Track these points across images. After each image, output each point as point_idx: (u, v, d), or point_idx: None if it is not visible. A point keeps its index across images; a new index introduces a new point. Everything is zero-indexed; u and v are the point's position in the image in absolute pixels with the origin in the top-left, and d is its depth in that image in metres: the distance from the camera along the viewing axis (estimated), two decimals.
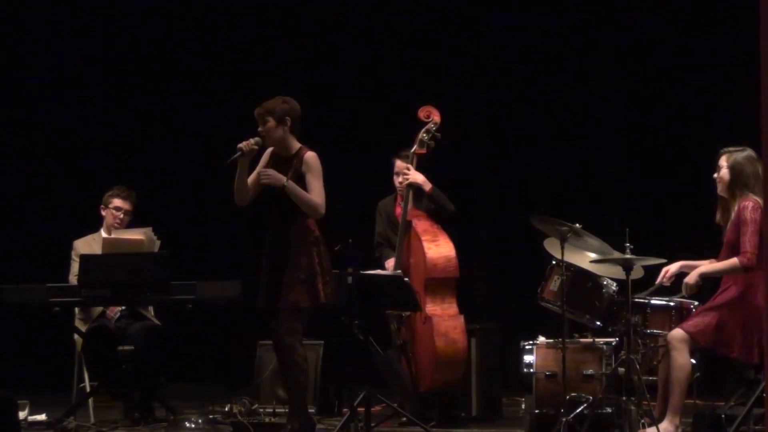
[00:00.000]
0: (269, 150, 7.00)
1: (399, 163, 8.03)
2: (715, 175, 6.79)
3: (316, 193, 6.83)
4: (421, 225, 7.85)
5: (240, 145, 6.82)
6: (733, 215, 6.70)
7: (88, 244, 7.93)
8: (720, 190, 6.80)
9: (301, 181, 6.85)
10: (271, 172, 6.87)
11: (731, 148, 6.77)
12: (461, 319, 7.75)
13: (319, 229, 6.91)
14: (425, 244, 7.74)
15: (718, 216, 6.84)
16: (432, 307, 7.71)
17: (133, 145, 10.89)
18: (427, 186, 7.91)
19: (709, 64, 9.84)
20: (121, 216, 8.00)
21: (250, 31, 10.84)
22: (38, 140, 11.01)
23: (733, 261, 6.60)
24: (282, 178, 6.83)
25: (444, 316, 7.71)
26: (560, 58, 10.27)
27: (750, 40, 4.50)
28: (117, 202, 8.02)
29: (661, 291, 7.00)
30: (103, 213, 8.07)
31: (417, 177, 7.91)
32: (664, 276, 6.90)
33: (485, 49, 10.46)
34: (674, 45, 9.96)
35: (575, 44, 10.25)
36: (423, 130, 7.96)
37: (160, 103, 10.90)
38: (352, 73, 10.68)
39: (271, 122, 6.87)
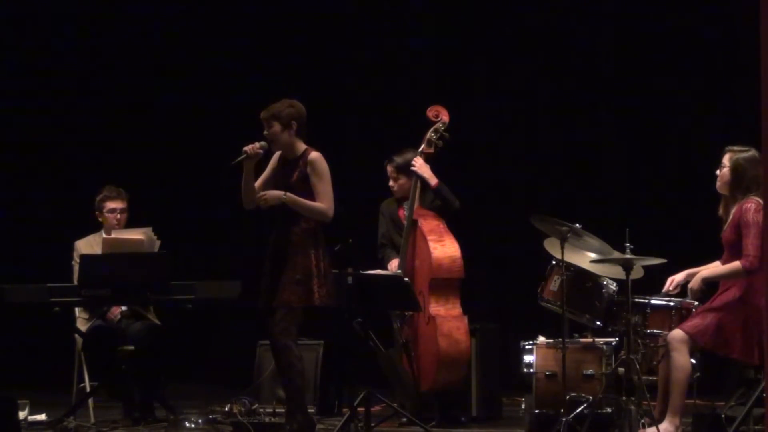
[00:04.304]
0: (277, 153, 7.00)
1: (389, 168, 8.07)
2: (717, 172, 6.78)
3: (321, 195, 6.82)
4: (427, 224, 7.84)
5: (245, 148, 6.82)
6: (732, 215, 6.69)
7: (89, 245, 7.91)
8: (719, 187, 6.79)
9: (306, 182, 6.84)
10: (268, 195, 6.86)
11: (736, 147, 6.75)
12: (465, 319, 7.75)
13: (323, 231, 6.90)
14: (431, 244, 7.74)
15: (720, 210, 6.83)
16: (436, 307, 7.70)
17: (133, 144, 10.89)
18: (433, 180, 7.91)
19: (710, 64, 9.84)
20: (118, 216, 7.99)
21: (254, 32, 10.84)
22: (38, 140, 11.01)
23: (736, 265, 6.58)
24: (279, 195, 6.82)
25: (448, 317, 7.71)
26: (561, 57, 10.28)
27: (750, 39, 4.50)
28: (110, 204, 7.99)
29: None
30: (100, 219, 8.05)
31: (424, 171, 7.91)
32: (670, 285, 6.89)
33: (486, 49, 10.46)
34: (674, 44, 9.96)
35: (575, 44, 10.25)
36: (431, 129, 7.97)
37: (161, 103, 10.90)
38: (354, 73, 10.69)
39: (277, 126, 6.86)
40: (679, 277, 6.89)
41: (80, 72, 11.04)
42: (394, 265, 7.89)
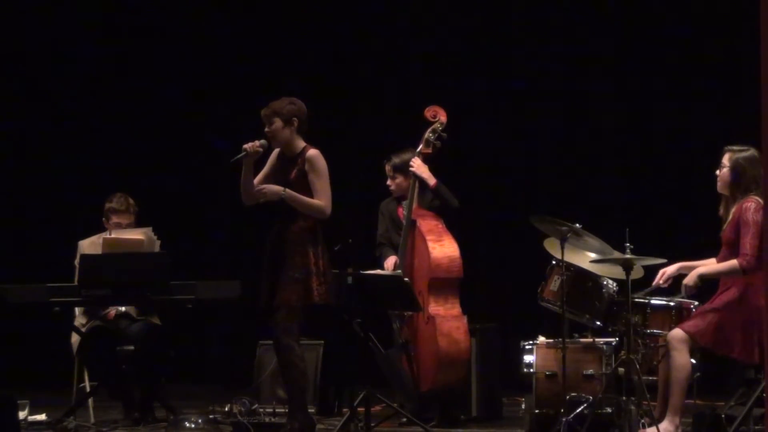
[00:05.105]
0: (276, 150, 7.02)
1: (387, 167, 8.07)
2: (717, 172, 6.78)
3: (319, 193, 6.84)
4: (426, 224, 7.84)
5: (245, 146, 6.84)
6: (732, 214, 6.70)
7: (93, 245, 7.88)
8: (720, 187, 6.79)
9: (304, 179, 6.86)
10: (267, 189, 6.88)
11: (735, 147, 6.76)
12: (464, 319, 7.74)
13: (321, 229, 6.91)
14: (429, 244, 7.73)
15: (721, 210, 6.83)
16: (435, 307, 7.70)
17: (133, 144, 10.89)
18: (432, 181, 7.90)
19: (710, 64, 9.84)
20: (124, 229, 7.96)
21: (253, 31, 10.85)
22: (39, 139, 11.02)
23: (733, 263, 6.59)
24: (279, 190, 6.84)
25: (447, 317, 7.70)
26: (560, 58, 10.28)
27: (751, 39, 4.50)
28: (115, 218, 7.94)
29: (659, 292, 7.00)
30: (106, 226, 8.03)
31: (422, 171, 7.91)
32: (661, 278, 6.90)
33: (486, 49, 10.47)
34: (674, 44, 9.96)
35: (575, 45, 10.25)
36: (429, 129, 7.97)
37: (161, 103, 10.91)
38: (355, 72, 10.69)
39: (278, 123, 6.89)
40: (671, 269, 6.88)
41: (81, 72, 11.04)
42: (390, 262, 7.89)
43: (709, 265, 6.80)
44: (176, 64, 10.94)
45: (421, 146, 7.98)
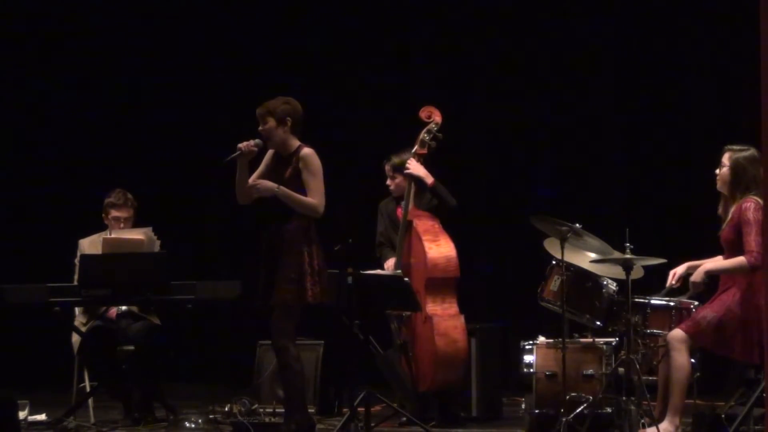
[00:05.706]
0: (271, 150, 7.01)
1: (387, 167, 8.07)
2: (717, 171, 6.79)
3: (313, 191, 6.84)
4: (422, 225, 7.84)
5: (240, 145, 6.84)
6: (731, 215, 6.70)
7: (94, 244, 7.88)
8: (719, 186, 6.79)
9: (299, 179, 6.86)
10: (261, 184, 6.88)
11: (735, 146, 6.76)
12: (461, 318, 7.75)
13: (316, 228, 6.91)
14: (426, 244, 7.74)
15: (720, 209, 6.84)
16: (432, 307, 7.70)
17: (133, 144, 10.89)
18: (429, 179, 7.90)
19: (710, 64, 9.84)
20: (122, 225, 7.96)
21: (251, 30, 10.85)
22: (39, 139, 11.02)
23: (740, 259, 6.58)
24: (273, 187, 6.84)
25: (444, 316, 7.71)
26: (560, 57, 10.28)
27: (750, 39, 4.50)
28: (114, 212, 7.96)
29: (673, 293, 7.00)
30: (106, 221, 8.04)
31: (419, 170, 7.90)
32: (672, 278, 6.90)
33: (485, 48, 10.47)
34: (675, 44, 9.96)
35: (575, 44, 10.25)
36: (424, 130, 7.96)
37: (161, 102, 10.91)
38: (353, 72, 10.69)
39: (272, 122, 6.89)
40: (680, 269, 6.89)
41: (82, 71, 11.04)
42: (390, 264, 7.89)
43: (715, 262, 6.80)
44: (177, 63, 10.94)
45: (416, 147, 7.96)
